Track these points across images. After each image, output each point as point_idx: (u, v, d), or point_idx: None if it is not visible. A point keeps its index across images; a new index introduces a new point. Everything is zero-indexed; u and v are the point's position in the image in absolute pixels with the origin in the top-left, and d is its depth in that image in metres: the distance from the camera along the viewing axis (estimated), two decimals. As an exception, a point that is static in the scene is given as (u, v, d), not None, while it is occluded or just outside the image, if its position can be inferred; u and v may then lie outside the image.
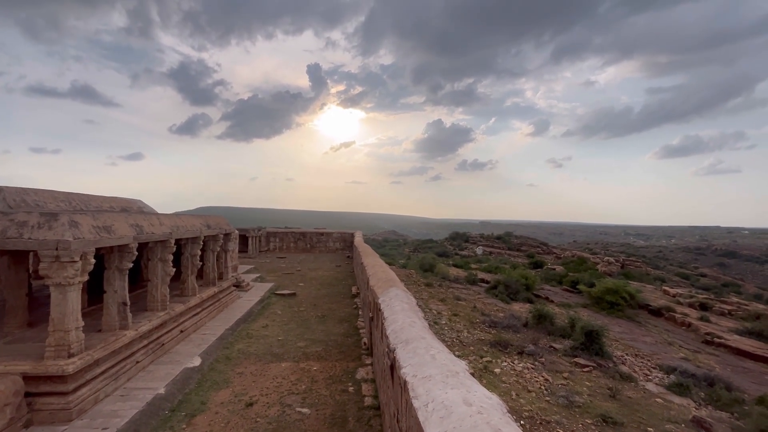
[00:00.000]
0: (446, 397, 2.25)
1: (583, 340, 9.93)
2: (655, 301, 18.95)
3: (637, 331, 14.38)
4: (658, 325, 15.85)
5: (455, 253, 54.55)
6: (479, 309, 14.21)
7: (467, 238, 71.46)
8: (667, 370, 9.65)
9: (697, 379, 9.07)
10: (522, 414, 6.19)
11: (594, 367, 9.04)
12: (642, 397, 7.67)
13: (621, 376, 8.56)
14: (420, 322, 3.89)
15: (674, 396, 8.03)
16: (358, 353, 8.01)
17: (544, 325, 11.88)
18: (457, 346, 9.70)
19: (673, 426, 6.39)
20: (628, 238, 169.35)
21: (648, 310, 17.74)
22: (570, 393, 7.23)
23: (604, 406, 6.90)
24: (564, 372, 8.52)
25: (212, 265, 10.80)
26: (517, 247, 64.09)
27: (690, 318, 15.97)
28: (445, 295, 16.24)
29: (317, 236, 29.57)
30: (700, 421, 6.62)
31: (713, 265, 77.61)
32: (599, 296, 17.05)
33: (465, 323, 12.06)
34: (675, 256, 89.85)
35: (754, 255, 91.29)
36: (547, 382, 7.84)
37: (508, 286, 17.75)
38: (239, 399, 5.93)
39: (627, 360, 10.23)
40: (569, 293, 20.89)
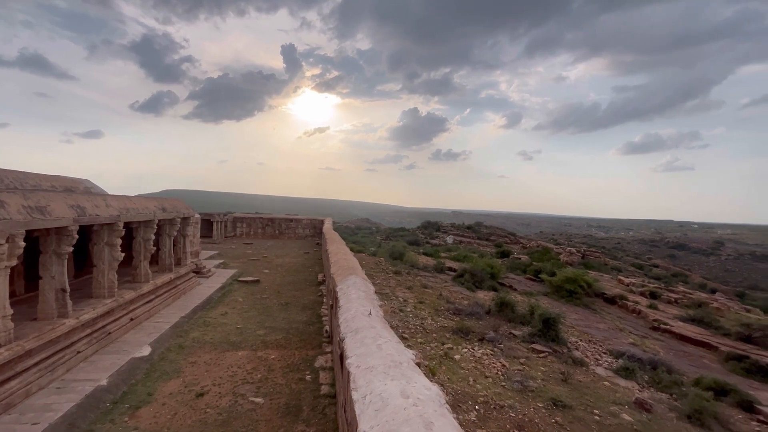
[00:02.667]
0: (384, 388, 2.17)
1: (540, 327, 10.27)
2: (610, 289, 19.94)
3: (592, 318, 15.09)
4: (611, 312, 16.70)
5: (426, 242, 55.17)
6: (445, 297, 14.41)
7: (439, 227, 72.45)
8: (616, 355, 10.17)
9: (642, 363, 9.61)
10: (477, 399, 6.32)
11: (549, 352, 9.38)
12: (591, 380, 8.03)
13: (573, 361, 8.94)
14: (373, 311, 3.81)
15: (621, 379, 8.47)
16: (319, 341, 7.91)
17: (506, 313, 12.20)
18: (420, 334, 9.79)
19: (617, 408, 6.73)
20: (590, 229, 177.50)
21: (603, 298, 18.64)
22: (525, 378, 7.46)
23: (555, 390, 7.17)
24: (521, 358, 8.79)
25: (168, 251, 10.29)
26: (487, 236, 65.67)
27: (640, 306, 16.93)
28: (413, 283, 16.37)
29: (286, 222, 28.99)
30: (641, 402, 7.01)
31: (665, 257, 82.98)
32: (559, 285, 17.72)
33: (430, 311, 12.20)
34: (632, 248, 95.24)
35: (701, 248, 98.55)
36: (504, 367, 8.05)
37: (474, 275, 18.10)
38: (189, 389, 5.70)
39: (580, 346, 10.70)
40: (532, 282, 21.60)
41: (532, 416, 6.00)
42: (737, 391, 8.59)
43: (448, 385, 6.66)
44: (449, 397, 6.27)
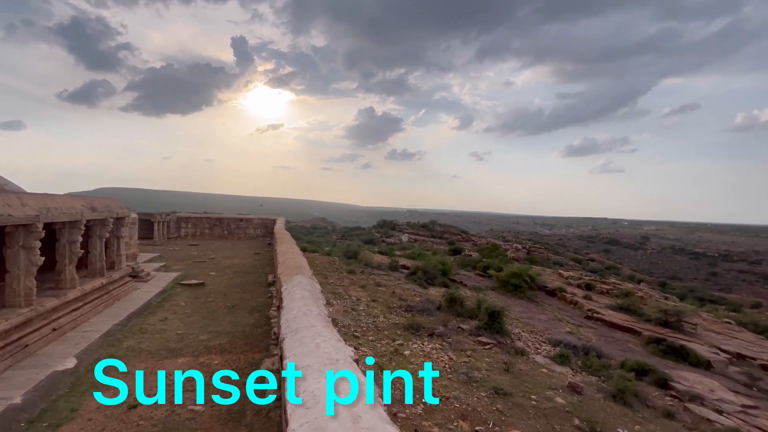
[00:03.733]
0: (318, 386, 2.17)
1: (486, 320, 10.76)
2: (551, 283, 21.32)
3: (535, 310, 16.06)
4: (552, 304, 17.88)
5: (382, 241, 55.63)
6: (398, 294, 14.62)
7: (394, 226, 73.31)
8: (554, 344, 10.91)
9: (576, 349, 10.40)
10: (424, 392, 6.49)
11: (494, 344, 9.86)
12: (531, 368, 8.55)
13: (516, 351, 9.46)
14: (316, 310, 3.78)
15: (557, 366, 9.10)
16: (267, 343, 7.69)
17: (455, 308, 12.63)
18: (372, 332, 9.86)
19: (552, 392, 7.22)
20: (536, 227, 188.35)
21: (545, 291, 19.90)
22: (470, 369, 7.78)
23: (498, 379, 7.55)
24: (468, 350, 9.15)
25: (99, 254, 9.48)
26: (440, 234, 67.52)
27: (577, 297, 18.29)
28: (366, 281, 16.43)
29: (236, 222, 27.85)
30: (573, 386, 7.58)
31: (600, 251, 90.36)
32: (505, 280, 18.64)
33: (383, 308, 12.31)
34: (572, 244, 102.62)
35: (630, 243, 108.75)
36: (451, 360, 8.34)
37: (426, 272, 18.53)
38: (120, 403, 5.30)
39: (523, 336, 11.34)
40: (481, 277, 22.54)
41: (476, 405, 6.28)
42: (655, 371, 9.57)
43: (396, 381, 6.77)
44: (397, 392, 6.39)
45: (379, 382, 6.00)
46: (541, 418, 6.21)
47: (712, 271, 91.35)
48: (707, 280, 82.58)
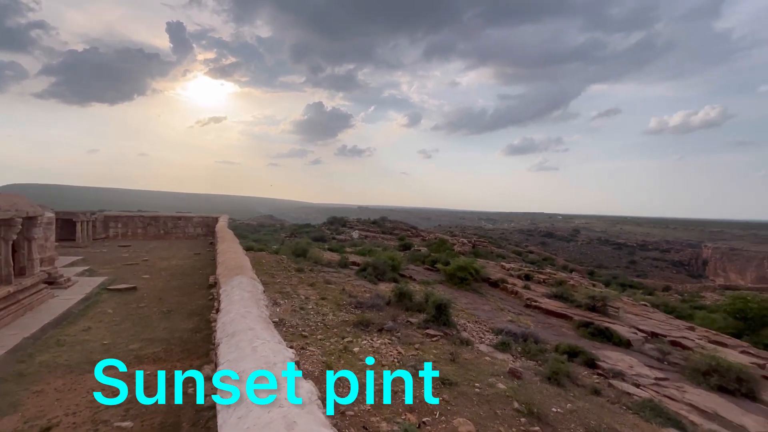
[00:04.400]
0: (250, 393, 2.04)
1: (434, 313, 11.04)
2: (494, 274, 22.43)
3: (479, 301, 16.80)
4: (495, 294, 18.82)
5: (332, 238, 55.02)
6: (348, 291, 14.54)
7: (345, 223, 72.86)
8: (496, 332, 11.48)
9: (516, 336, 11.03)
10: (374, 388, 6.50)
11: (441, 336, 10.15)
12: (475, 357, 8.92)
13: (461, 342, 9.82)
14: (256, 312, 3.60)
15: (499, 353, 9.59)
16: (207, 349, 7.24)
17: (404, 302, 12.81)
18: (320, 330, 9.70)
19: (494, 379, 7.59)
20: (480, 222, 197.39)
21: (489, 282, 20.89)
22: (418, 362, 7.94)
23: (445, 369, 7.78)
24: (416, 343, 9.33)
25: (4, 258, 8.33)
26: (391, 230, 68.30)
27: (517, 287, 19.43)
28: (316, 279, 16.16)
29: (173, 221, 25.98)
30: (513, 371, 8.03)
31: (538, 244, 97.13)
32: (452, 273, 19.29)
33: (332, 306, 12.17)
34: (513, 237, 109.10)
35: (564, 235, 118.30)
36: (400, 354, 8.45)
37: (376, 268, 18.62)
38: (31, 425, 4.69)
39: (468, 327, 11.81)
40: (430, 271, 23.13)
41: (423, 397, 6.41)
42: (584, 352, 10.44)
43: (345, 379, 6.71)
44: (345, 390, 6.33)
45: (322, 381, 5.91)
46: (485, 404, 6.50)
47: (631, 260, 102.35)
48: (627, 267, 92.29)
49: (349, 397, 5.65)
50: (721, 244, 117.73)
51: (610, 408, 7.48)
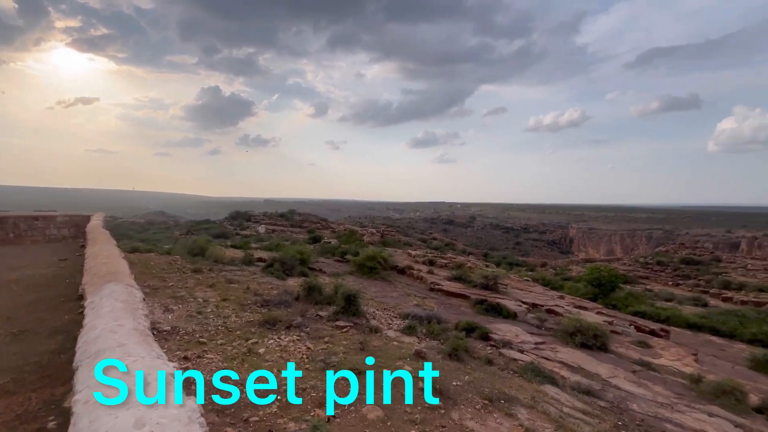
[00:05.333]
0: (114, 423, 1.73)
1: (343, 304, 11.07)
2: (401, 262, 23.46)
3: (388, 288, 17.41)
4: (402, 281, 19.70)
5: (236, 234, 51.47)
6: (253, 290, 13.75)
7: (249, 217, 68.80)
8: (404, 317, 12.02)
9: (422, 319, 11.70)
10: (280, 390, 6.26)
11: (351, 326, 10.24)
12: (384, 343, 9.21)
13: (371, 330, 10.04)
14: (131, 324, 3.12)
15: (406, 336, 10.06)
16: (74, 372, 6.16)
17: (314, 296, 12.60)
18: (222, 334, 8.98)
19: (401, 362, 7.94)
20: (388, 212, 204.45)
21: (397, 270, 21.77)
22: (328, 356, 7.88)
23: (354, 359, 7.86)
24: (325, 337, 9.25)
25: None
26: (300, 223, 66.64)
27: (422, 273, 20.63)
28: (216, 279, 14.94)
29: (28, 221, 21.38)
30: (419, 352, 8.51)
31: (440, 231, 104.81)
32: (361, 263, 19.61)
33: (235, 307, 11.38)
34: (419, 225, 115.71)
35: (462, 222, 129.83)
36: (309, 350, 8.28)
37: (284, 263, 17.95)
38: None
39: (377, 314, 12.13)
40: (340, 263, 23.16)
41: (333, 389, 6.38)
42: (480, 327, 11.56)
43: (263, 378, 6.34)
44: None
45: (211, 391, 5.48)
46: (392, 388, 6.74)
47: (517, 241, 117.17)
48: (514, 248, 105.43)
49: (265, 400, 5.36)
50: (582, 225, 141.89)
51: (500, 374, 8.42)
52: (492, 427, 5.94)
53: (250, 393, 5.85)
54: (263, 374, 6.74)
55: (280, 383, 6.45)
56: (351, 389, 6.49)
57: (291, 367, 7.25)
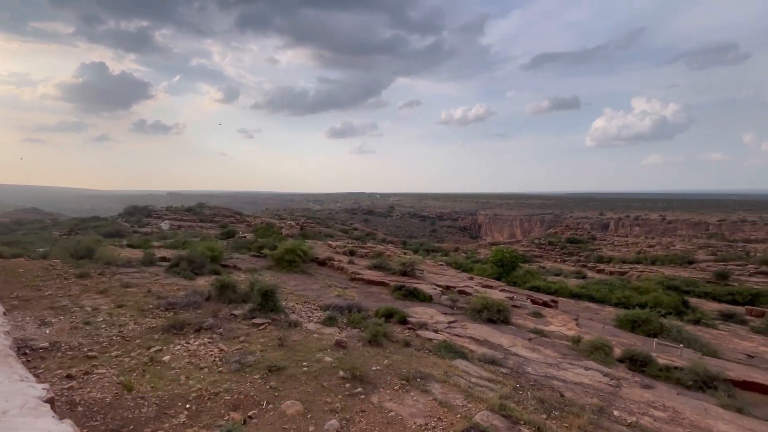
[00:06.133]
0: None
1: (260, 301, 10.62)
2: (322, 253, 23.22)
3: (308, 281, 17.14)
4: (323, 273, 19.54)
5: (133, 232, 45.73)
6: (155, 292, 12.44)
7: (150, 213, 61.73)
8: (324, 309, 11.98)
9: (342, 309, 11.78)
10: (189, 397, 5.82)
11: (269, 323, 9.88)
12: (304, 337, 9.09)
13: (290, 325, 9.81)
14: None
15: (326, 328, 10.06)
16: None
17: (227, 295, 11.86)
18: (117, 345, 8.00)
19: (321, 354, 7.93)
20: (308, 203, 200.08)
21: (317, 262, 21.51)
22: (243, 356, 7.52)
23: (272, 356, 7.64)
24: (241, 336, 8.81)
25: None
26: (211, 218, 61.81)
27: (343, 263, 20.71)
28: (109, 284, 13.19)
29: None
30: (339, 342, 8.58)
31: (361, 221, 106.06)
32: (280, 257, 18.97)
33: (133, 313, 10.20)
34: (339, 216, 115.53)
35: (382, 212, 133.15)
36: (222, 352, 7.81)
37: (192, 262, 16.53)
38: None
39: (297, 308, 11.90)
40: (257, 258, 22.08)
41: (248, 390, 6.14)
42: (398, 312, 12.05)
43: (151, 395, 5.76)
44: (153, 407, 5.45)
45: (116, 408, 4.91)
46: (312, 381, 6.72)
47: (433, 229, 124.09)
48: (430, 235, 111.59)
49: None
50: (489, 212, 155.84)
51: (417, 355, 8.92)
52: (409, 404, 6.29)
53: (150, 405, 5.35)
54: (168, 383, 6.20)
55: (189, 391, 6.00)
56: (268, 387, 6.32)
57: (202, 372, 6.78)
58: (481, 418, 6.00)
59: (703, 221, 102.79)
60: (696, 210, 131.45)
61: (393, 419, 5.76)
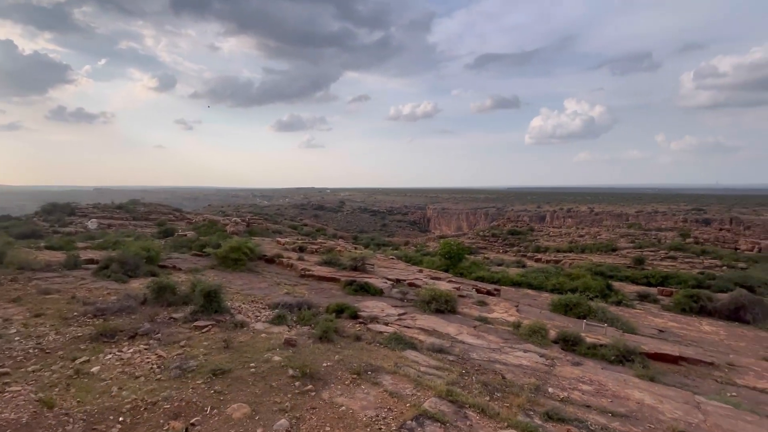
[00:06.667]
0: None
1: (203, 302, 10.09)
2: (270, 251, 22.52)
3: (255, 280, 16.56)
4: (272, 270, 18.98)
5: (54, 232, 41.02)
6: (80, 298, 11.33)
7: (73, 210, 55.76)
8: (273, 307, 11.66)
9: (292, 307, 11.54)
10: (122, 409, 5.40)
11: (213, 325, 9.43)
12: (251, 338, 8.80)
13: (236, 326, 9.43)
14: None
15: (275, 327, 9.81)
16: None
17: (165, 297, 11.12)
18: (35, 358, 7.20)
19: (270, 353, 7.73)
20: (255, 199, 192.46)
21: (265, 259, 20.84)
22: (185, 360, 7.12)
23: (217, 359, 7.31)
24: (181, 341, 8.31)
25: None
26: (146, 216, 57.36)
27: (292, 260, 20.25)
28: (24, 291, 11.82)
29: None
30: (289, 340, 8.42)
31: (311, 216, 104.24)
32: (224, 255, 18.12)
33: (55, 322, 9.23)
34: (289, 212, 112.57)
35: (332, 207, 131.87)
36: (161, 358, 7.33)
37: (124, 263, 15.24)
38: None
39: (243, 308, 11.46)
40: (199, 257, 20.90)
41: (191, 397, 5.83)
42: (349, 307, 12.06)
43: (77, 410, 5.27)
44: (80, 423, 4.99)
45: (34, 427, 4.43)
46: (260, 382, 6.54)
47: (383, 223, 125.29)
48: (381, 229, 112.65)
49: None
50: (437, 206, 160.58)
51: (368, 348, 9.00)
52: (360, 398, 6.35)
53: (76, 422, 4.89)
54: (98, 396, 5.72)
55: (122, 402, 5.57)
56: (213, 392, 6.05)
57: (137, 381, 6.31)
58: (430, 405, 6.23)
59: (624, 212, 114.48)
60: (618, 202, 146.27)
61: (344, 414, 5.79)
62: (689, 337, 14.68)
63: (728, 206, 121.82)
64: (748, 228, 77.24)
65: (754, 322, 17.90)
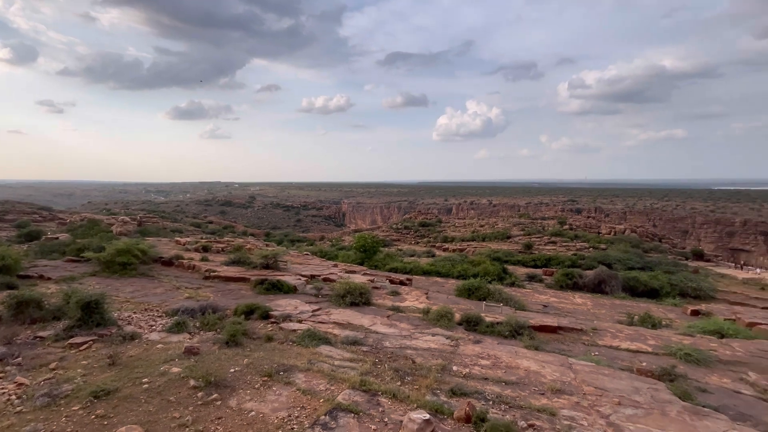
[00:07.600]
0: None
1: (80, 315, 8.68)
2: (167, 252, 20.28)
3: (150, 285, 14.78)
4: (170, 274, 17.12)
5: None
6: None
7: None
8: (171, 314, 10.56)
9: (194, 312, 10.59)
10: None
11: (94, 340, 8.19)
12: (144, 350, 7.85)
13: (125, 338, 8.33)
14: None
15: (174, 336, 8.90)
16: None
17: (28, 313, 9.31)
18: None
19: (167, 365, 7.00)
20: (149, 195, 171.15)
21: (162, 262, 18.71)
22: (56, 386, 6.06)
23: (99, 380, 6.37)
24: (51, 363, 7.05)
25: None
26: (1, 216, 46.99)
27: (195, 261, 18.54)
28: None
29: None
30: (190, 349, 7.72)
31: (217, 213, 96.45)
32: (109, 260, 15.80)
33: None
34: (190, 209, 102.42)
35: (241, 203, 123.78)
36: (23, 387, 6.12)
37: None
38: None
39: (134, 318, 10.16)
40: (76, 263, 17.87)
41: (65, 426, 4.99)
42: (260, 307, 11.50)
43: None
44: None
45: None
46: (155, 397, 5.89)
47: (298, 219, 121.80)
48: (295, 225, 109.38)
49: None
50: (352, 200, 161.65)
51: (280, 348, 8.71)
52: (271, 400, 6.13)
53: None
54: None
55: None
56: (93, 417, 5.27)
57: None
58: (343, 397, 6.29)
59: (517, 204, 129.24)
60: (511, 195, 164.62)
61: (254, 419, 5.53)
62: (566, 309, 17.25)
63: (594, 197, 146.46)
64: (608, 215, 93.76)
65: (611, 293, 21.81)
